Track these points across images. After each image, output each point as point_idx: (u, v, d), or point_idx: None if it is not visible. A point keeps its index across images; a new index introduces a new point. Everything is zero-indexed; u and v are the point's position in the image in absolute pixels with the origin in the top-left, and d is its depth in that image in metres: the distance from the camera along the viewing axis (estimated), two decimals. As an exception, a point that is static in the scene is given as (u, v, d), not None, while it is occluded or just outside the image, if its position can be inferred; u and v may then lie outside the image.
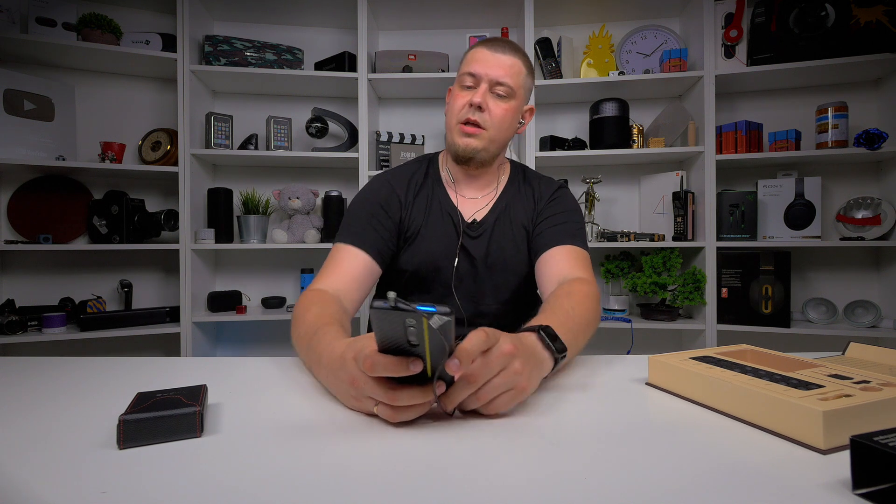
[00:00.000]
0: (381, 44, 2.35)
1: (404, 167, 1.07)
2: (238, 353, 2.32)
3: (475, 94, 0.94)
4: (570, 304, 0.75)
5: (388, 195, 1.01)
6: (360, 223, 0.96)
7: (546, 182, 1.08)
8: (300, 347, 0.73)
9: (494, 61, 0.94)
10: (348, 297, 0.87)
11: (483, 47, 0.96)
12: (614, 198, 2.32)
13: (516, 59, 0.95)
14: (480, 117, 0.94)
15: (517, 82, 0.95)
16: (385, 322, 0.44)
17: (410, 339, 0.44)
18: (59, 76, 2.08)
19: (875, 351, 0.66)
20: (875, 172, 2.10)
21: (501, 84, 0.93)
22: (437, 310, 0.42)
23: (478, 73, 0.94)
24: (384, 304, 0.42)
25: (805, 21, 1.92)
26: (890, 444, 0.34)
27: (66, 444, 0.47)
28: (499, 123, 0.95)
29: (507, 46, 0.96)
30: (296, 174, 2.33)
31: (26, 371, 0.74)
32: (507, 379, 0.51)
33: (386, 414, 0.50)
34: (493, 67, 0.93)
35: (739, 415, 0.51)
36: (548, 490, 0.38)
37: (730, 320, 1.99)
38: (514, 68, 0.95)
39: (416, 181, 1.04)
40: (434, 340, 0.44)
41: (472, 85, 0.95)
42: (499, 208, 1.04)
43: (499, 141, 0.98)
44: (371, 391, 0.50)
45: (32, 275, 2.09)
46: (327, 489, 0.38)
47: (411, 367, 0.46)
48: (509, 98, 0.95)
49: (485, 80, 0.94)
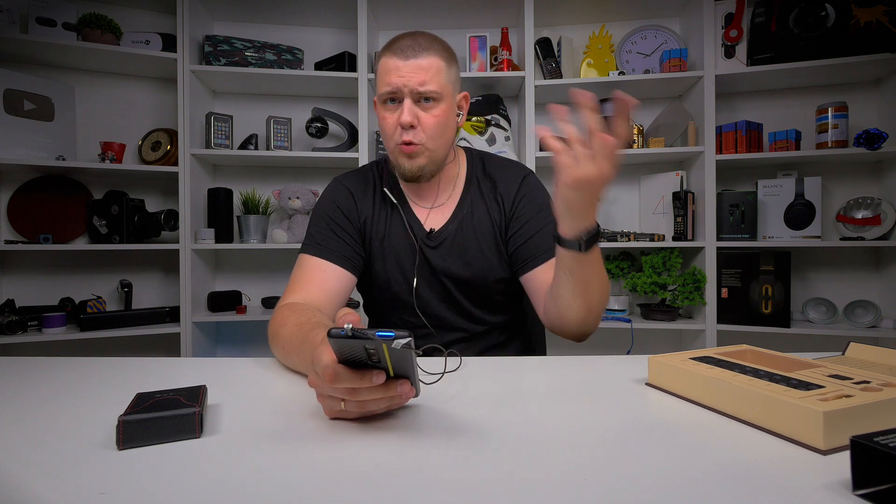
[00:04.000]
0: (381, 44, 2.35)
1: (360, 172, 1.03)
2: (238, 353, 2.32)
3: (401, 111, 0.86)
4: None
5: (346, 200, 0.97)
6: (323, 233, 0.93)
7: (510, 173, 1.01)
8: (288, 356, 0.73)
9: (409, 68, 0.85)
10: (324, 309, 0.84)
11: (392, 56, 0.86)
12: (614, 198, 2.32)
13: (432, 57, 0.86)
14: (415, 135, 0.87)
15: (440, 82, 0.87)
16: (344, 348, 0.45)
17: (371, 358, 0.46)
18: (59, 76, 2.07)
19: (875, 351, 0.66)
20: (875, 172, 2.10)
21: (424, 91, 0.86)
22: (396, 334, 0.42)
23: (396, 85, 0.86)
24: (342, 333, 0.42)
25: (805, 21, 1.92)
26: (890, 444, 0.34)
27: (66, 445, 0.47)
28: (435, 132, 0.88)
29: (418, 45, 0.86)
30: (296, 174, 2.33)
31: (26, 371, 0.74)
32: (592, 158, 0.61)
33: (352, 407, 0.50)
34: (410, 76, 0.85)
35: (739, 415, 0.51)
36: (547, 490, 0.37)
37: (730, 320, 1.99)
38: (433, 68, 0.86)
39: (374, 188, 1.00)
40: (396, 362, 0.46)
41: (394, 99, 0.87)
42: (460, 214, 0.98)
43: (441, 148, 0.91)
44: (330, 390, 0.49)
45: (32, 275, 2.09)
46: (327, 489, 0.38)
47: (374, 379, 0.46)
48: (438, 101, 0.87)
49: (406, 93, 0.86)
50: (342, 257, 0.92)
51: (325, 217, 0.96)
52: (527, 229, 0.95)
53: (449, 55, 0.90)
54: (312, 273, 0.89)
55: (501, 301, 1.01)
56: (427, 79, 0.85)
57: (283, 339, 0.74)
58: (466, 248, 0.97)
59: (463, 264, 0.96)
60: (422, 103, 0.87)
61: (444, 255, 0.97)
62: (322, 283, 0.88)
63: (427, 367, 0.74)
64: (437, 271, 0.97)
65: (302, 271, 0.90)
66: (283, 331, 0.74)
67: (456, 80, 0.92)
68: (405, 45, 0.86)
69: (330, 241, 0.92)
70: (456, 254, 0.96)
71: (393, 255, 0.97)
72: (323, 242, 0.92)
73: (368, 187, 1.00)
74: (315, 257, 0.91)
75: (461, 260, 0.97)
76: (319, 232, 0.94)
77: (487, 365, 0.77)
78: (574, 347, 2.19)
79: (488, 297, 0.99)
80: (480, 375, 0.70)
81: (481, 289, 0.98)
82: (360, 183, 1.01)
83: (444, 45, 0.90)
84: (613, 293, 2.23)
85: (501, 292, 1.00)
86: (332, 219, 0.95)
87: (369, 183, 1.01)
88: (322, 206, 0.98)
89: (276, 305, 0.85)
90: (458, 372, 0.72)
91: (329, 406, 0.52)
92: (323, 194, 1.01)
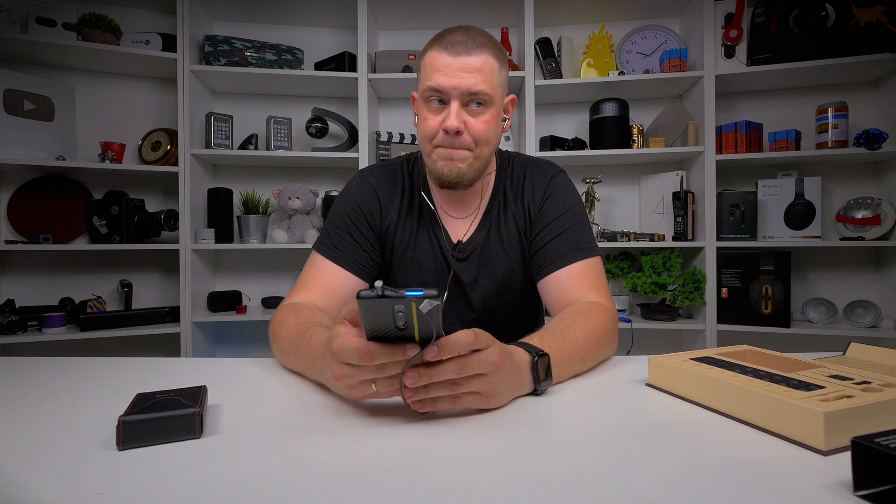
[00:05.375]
0: (381, 44, 2.35)
1: (388, 169, 0.96)
2: (238, 353, 2.32)
3: (447, 115, 0.78)
4: (584, 331, 0.69)
5: (370, 202, 0.91)
6: (340, 234, 0.89)
7: (538, 173, 0.94)
8: (286, 357, 0.73)
9: (461, 67, 0.77)
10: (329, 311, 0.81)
11: (443, 51, 0.78)
12: (614, 198, 2.32)
13: (485, 55, 0.78)
14: (461, 141, 0.80)
15: (493, 83, 0.79)
16: (372, 310, 0.44)
17: (398, 323, 0.44)
18: (59, 76, 2.07)
19: (875, 351, 0.66)
20: (875, 172, 2.10)
21: (476, 93, 0.78)
22: (425, 293, 0.42)
23: (444, 87, 0.77)
24: (371, 293, 0.42)
25: (805, 21, 1.92)
26: (891, 445, 0.34)
27: (66, 445, 0.47)
28: (483, 139, 0.82)
29: (471, 41, 0.78)
30: (296, 174, 2.33)
31: (26, 371, 0.74)
32: (481, 383, 0.50)
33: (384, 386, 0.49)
34: (462, 76, 0.77)
35: (740, 415, 0.51)
36: (547, 490, 0.37)
37: (730, 320, 1.99)
38: (486, 67, 0.78)
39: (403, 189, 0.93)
40: (423, 324, 0.44)
41: (440, 100, 0.80)
42: (487, 223, 0.92)
43: (486, 156, 0.85)
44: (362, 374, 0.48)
45: (32, 275, 2.09)
46: (327, 489, 0.38)
47: (409, 352, 0.46)
48: (488, 106, 0.80)
49: (454, 95, 0.78)
50: (355, 264, 0.87)
51: (344, 217, 0.90)
52: (548, 232, 0.89)
53: (501, 55, 0.82)
54: (322, 276, 0.86)
55: (523, 313, 0.98)
56: (479, 80, 0.77)
57: (282, 339, 0.73)
58: (493, 258, 0.91)
59: (490, 277, 0.92)
60: (471, 107, 0.80)
61: (470, 268, 0.92)
62: (330, 287, 0.85)
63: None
64: (463, 285, 0.92)
65: (312, 271, 0.87)
66: (281, 331, 0.74)
67: (506, 81, 0.85)
68: (457, 41, 0.78)
69: (345, 245, 0.88)
70: (484, 265, 0.91)
71: (416, 266, 0.92)
72: (338, 245, 0.88)
73: (396, 188, 0.94)
74: (327, 260, 0.87)
75: (488, 272, 0.92)
76: (336, 232, 0.89)
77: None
78: (574, 347, 2.18)
79: (512, 310, 0.95)
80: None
81: (507, 301, 0.94)
82: (389, 183, 0.94)
83: (497, 43, 0.83)
84: (613, 293, 2.23)
85: (526, 304, 0.97)
86: (352, 220, 0.90)
87: (397, 183, 0.94)
88: (343, 204, 0.92)
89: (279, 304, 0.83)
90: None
91: (362, 391, 0.50)
92: (346, 188, 0.95)
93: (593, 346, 0.70)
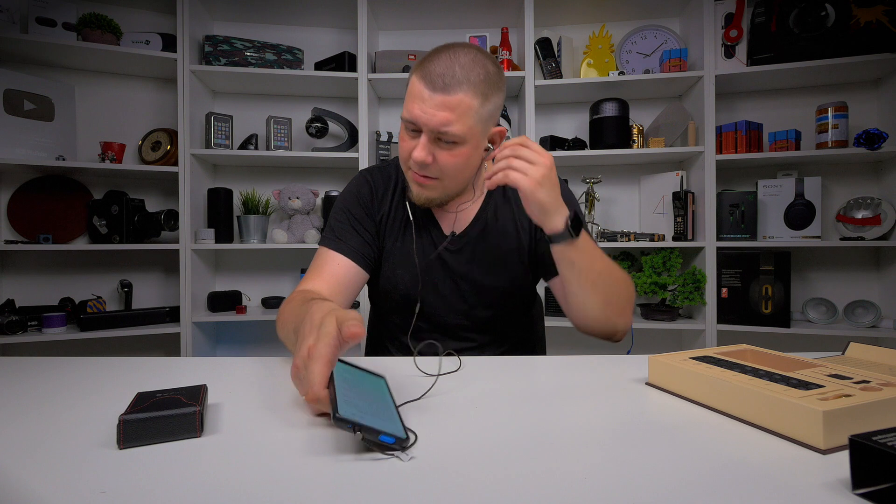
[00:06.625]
0: (381, 44, 2.35)
1: (384, 169, 1.00)
2: (238, 353, 2.32)
3: (417, 145, 0.79)
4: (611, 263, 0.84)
5: (367, 194, 0.96)
6: (342, 227, 0.93)
7: None
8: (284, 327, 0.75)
9: (436, 104, 0.76)
10: (335, 299, 0.85)
11: (422, 80, 0.77)
12: (614, 198, 2.32)
13: (462, 94, 0.76)
14: (429, 171, 0.82)
15: (465, 126, 0.77)
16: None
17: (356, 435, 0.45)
18: (59, 76, 2.08)
19: (875, 351, 0.66)
20: (875, 172, 2.10)
21: (445, 133, 0.77)
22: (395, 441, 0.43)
23: (417, 120, 0.78)
24: (348, 427, 0.43)
25: (805, 21, 1.92)
26: (889, 443, 0.34)
27: (66, 444, 0.47)
28: (451, 173, 0.83)
29: (452, 75, 0.76)
30: (296, 174, 2.33)
31: (26, 371, 0.74)
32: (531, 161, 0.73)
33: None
34: (434, 114, 0.76)
35: (739, 415, 0.51)
36: (548, 490, 0.38)
37: (730, 320, 1.99)
38: (460, 108, 0.76)
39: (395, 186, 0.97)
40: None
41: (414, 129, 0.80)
42: (483, 217, 0.95)
43: (456, 185, 0.87)
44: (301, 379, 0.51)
45: (32, 275, 2.09)
46: (327, 489, 0.38)
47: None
48: (459, 145, 0.79)
49: (425, 130, 0.78)
50: (357, 253, 0.91)
51: (345, 211, 0.95)
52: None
53: (487, 87, 0.78)
54: (326, 266, 0.90)
55: (514, 309, 1.00)
56: (451, 119, 0.76)
57: (286, 314, 0.75)
58: (489, 252, 0.94)
59: (484, 270, 0.94)
60: (441, 142, 0.80)
61: (465, 260, 0.94)
62: (334, 275, 0.88)
63: (425, 367, 0.74)
64: (456, 276, 0.95)
65: (318, 262, 0.91)
66: (287, 307, 0.77)
67: (490, 116, 0.82)
68: (437, 72, 0.76)
69: (347, 236, 0.92)
70: (478, 258, 0.94)
71: (404, 257, 0.95)
72: (341, 236, 0.92)
73: (390, 184, 0.98)
74: (331, 251, 0.91)
75: (483, 265, 0.94)
76: (339, 225, 0.93)
77: (486, 365, 0.76)
78: (574, 347, 2.19)
79: (503, 305, 0.97)
80: (479, 376, 0.70)
81: (499, 296, 0.96)
82: (383, 179, 0.98)
83: (486, 72, 0.78)
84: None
85: (517, 300, 0.99)
86: (352, 213, 0.94)
87: (391, 180, 0.99)
88: (344, 199, 0.97)
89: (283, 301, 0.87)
90: (456, 372, 0.72)
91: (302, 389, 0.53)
92: (347, 186, 1.00)
93: (616, 271, 0.85)
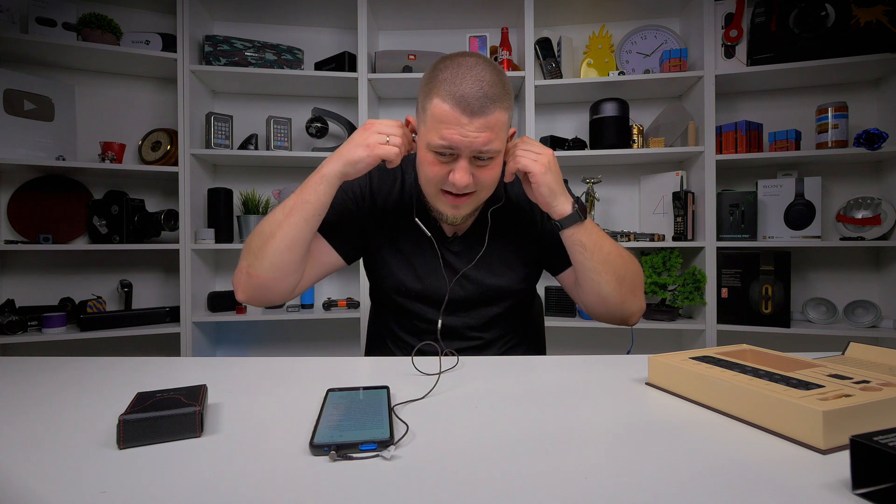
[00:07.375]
0: (381, 44, 2.35)
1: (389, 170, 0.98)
2: (238, 353, 2.32)
3: (455, 170, 0.78)
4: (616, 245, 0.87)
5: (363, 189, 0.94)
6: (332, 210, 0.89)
7: None
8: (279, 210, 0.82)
9: (474, 128, 0.74)
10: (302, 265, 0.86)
11: (456, 107, 0.74)
12: (614, 198, 2.32)
13: (499, 112, 0.75)
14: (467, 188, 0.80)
15: (502, 140, 0.78)
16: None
17: None
18: (59, 76, 2.08)
19: (875, 351, 0.66)
20: (875, 172, 2.10)
21: (487, 151, 0.77)
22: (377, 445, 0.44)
23: (457, 146, 0.75)
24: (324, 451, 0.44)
25: (805, 21, 1.92)
26: (890, 444, 0.34)
27: (66, 444, 0.47)
28: (490, 184, 0.83)
29: (486, 97, 0.74)
30: (296, 174, 2.33)
31: (26, 371, 0.74)
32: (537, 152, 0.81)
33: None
34: (475, 136, 0.74)
35: (739, 415, 0.51)
36: (547, 490, 0.38)
37: (730, 320, 1.99)
38: (498, 125, 0.76)
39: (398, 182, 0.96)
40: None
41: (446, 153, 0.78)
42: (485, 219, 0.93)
43: (490, 193, 0.88)
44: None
45: (32, 275, 2.09)
46: (327, 489, 0.38)
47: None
48: (495, 158, 0.80)
49: (465, 154, 0.77)
50: (337, 238, 0.92)
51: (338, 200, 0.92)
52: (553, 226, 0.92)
53: (510, 97, 0.80)
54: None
55: (515, 309, 1.00)
56: (493, 138, 0.76)
57: (269, 215, 0.83)
58: (492, 252, 0.93)
59: (488, 270, 0.94)
60: (478, 160, 0.79)
61: (467, 261, 0.93)
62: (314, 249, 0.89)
63: (424, 366, 0.74)
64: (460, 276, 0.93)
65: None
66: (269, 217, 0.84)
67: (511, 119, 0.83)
68: (471, 96, 0.74)
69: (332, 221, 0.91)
70: (481, 259, 0.93)
71: (405, 257, 0.94)
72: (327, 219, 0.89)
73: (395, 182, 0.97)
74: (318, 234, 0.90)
75: (486, 265, 0.94)
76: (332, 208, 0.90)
77: (486, 364, 0.77)
78: (574, 347, 2.19)
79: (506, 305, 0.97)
80: (479, 375, 0.70)
81: (503, 296, 0.96)
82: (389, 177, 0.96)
83: (504, 82, 0.79)
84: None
85: (520, 299, 0.99)
86: (343, 203, 0.93)
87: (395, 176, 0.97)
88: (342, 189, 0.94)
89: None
90: (456, 371, 0.72)
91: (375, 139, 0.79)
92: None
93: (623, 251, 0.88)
